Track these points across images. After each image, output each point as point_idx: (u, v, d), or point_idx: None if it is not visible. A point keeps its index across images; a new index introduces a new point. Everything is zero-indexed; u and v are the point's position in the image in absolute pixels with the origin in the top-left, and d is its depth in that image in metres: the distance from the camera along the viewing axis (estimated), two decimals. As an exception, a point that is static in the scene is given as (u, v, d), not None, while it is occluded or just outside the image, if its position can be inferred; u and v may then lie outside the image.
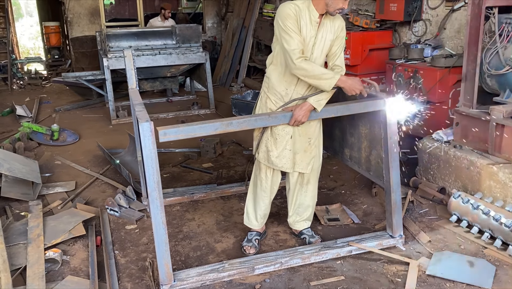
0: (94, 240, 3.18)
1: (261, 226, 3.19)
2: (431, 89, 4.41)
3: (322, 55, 2.81)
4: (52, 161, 4.90)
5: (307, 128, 2.91)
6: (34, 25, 18.13)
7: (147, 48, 6.84)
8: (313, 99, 2.72)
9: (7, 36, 9.93)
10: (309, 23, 2.71)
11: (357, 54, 5.41)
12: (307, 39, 2.72)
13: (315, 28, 2.73)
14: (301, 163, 2.96)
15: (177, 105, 7.50)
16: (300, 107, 2.72)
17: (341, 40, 2.83)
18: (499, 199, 3.19)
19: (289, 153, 2.89)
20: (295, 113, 2.71)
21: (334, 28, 2.79)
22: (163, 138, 2.46)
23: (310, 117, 2.77)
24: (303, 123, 2.76)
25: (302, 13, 2.68)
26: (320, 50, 2.78)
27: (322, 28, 2.75)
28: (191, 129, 2.54)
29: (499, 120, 3.33)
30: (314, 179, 3.12)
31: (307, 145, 2.94)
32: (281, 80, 2.83)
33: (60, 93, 8.76)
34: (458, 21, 4.79)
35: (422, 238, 3.14)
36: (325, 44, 2.78)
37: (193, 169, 4.62)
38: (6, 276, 2.65)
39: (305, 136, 2.91)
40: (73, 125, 6.25)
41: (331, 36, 2.78)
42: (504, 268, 2.78)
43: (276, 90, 2.86)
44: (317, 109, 2.73)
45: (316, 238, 3.15)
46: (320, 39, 2.76)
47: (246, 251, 3.05)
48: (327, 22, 2.77)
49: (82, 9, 9.98)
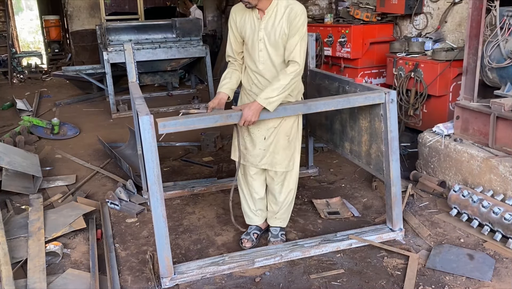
0: (95, 234, 3.18)
1: (261, 220, 3.14)
2: (431, 82, 4.40)
3: (276, 50, 2.65)
4: (53, 155, 4.91)
5: (284, 126, 2.79)
6: (34, 19, 18.10)
7: (147, 42, 6.83)
8: (262, 97, 2.53)
9: (7, 30, 9.92)
10: (255, 17, 2.66)
11: (357, 47, 5.40)
12: (253, 35, 2.66)
13: (258, 22, 2.65)
14: (283, 161, 2.85)
15: (177, 99, 7.50)
16: (249, 106, 2.54)
17: (296, 29, 2.57)
18: (499, 193, 3.19)
19: (264, 152, 2.82)
20: (244, 113, 2.54)
21: (286, 17, 2.58)
22: (162, 130, 2.45)
23: (295, 112, 2.70)
24: (254, 123, 2.59)
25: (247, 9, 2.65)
26: (272, 45, 2.63)
27: (267, 20, 2.62)
28: (190, 122, 2.53)
29: (500, 113, 3.32)
30: (291, 177, 2.95)
31: (286, 142, 2.83)
32: (245, 76, 2.85)
33: (60, 87, 8.76)
34: (459, 14, 4.77)
35: (422, 231, 3.14)
36: (276, 37, 2.61)
37: (193, 162, 4.62)
38: (7, 269, 2.66)
39: (283, 134, 2.81)
40: (73, 119, 6.26)
41: (283, 26, 2.58)
42: (503, 261, 2.78)
43: (244, 86, 2.88)
44: (268, 110, 2.55)
45: (277, 240, 3.01)
46: (266, 33, 2.62)
47: (243, 244, 3.04)
48: (275, 12, 2.61)
49: (82, 2, 9.95)
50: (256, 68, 2.74)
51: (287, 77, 2.57)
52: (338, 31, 5.54)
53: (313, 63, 3.83)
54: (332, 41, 5.64)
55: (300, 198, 3.75)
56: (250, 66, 2.78)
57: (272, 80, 2.65)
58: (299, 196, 3.77)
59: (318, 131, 3.84)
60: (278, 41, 2.62)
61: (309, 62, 3.80)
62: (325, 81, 3.53)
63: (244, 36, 2.75)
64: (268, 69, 2.71)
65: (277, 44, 2.64)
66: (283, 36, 2.61)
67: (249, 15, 2.69)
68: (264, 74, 2.72)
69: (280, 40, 2.62)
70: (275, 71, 2.70)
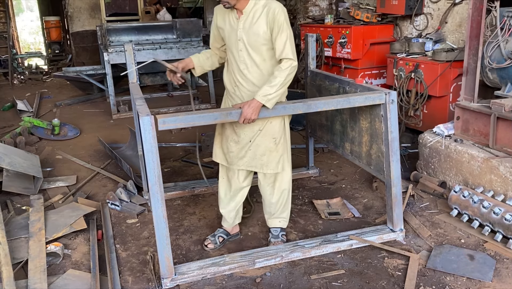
0: (95, 234, 3.19)
1: (231, 225, 3.12)
2: (432, 83, 4.40)
3: (256, 50, 2.64)
4: (53, 156, 4.91)
5: (269, 128, 2.77)
6: (35, 20, 18.13)
7: (148, 43, 6.83)
8: (260, 94, 2.54)
9: (8, 31, 9.93)
10: (234, 17, 2.68)
11: (358, 48, 5.41)
12: (232, 35, 2.68)
13: (237, 22, 2.66)
14: (271, 163, 2.83)
15: (178, 100, 7.50)
16: (248, 104, 2.54)
17: (279, 27, 2.56)
18: (500, 193, 3.19)
19: (251, 154, 2.81)
20: (244, 110, 2.54)
21: (264, 17, 2.57)
22: (162, 127, 2.45)
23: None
24: (253, 121, 2.59)
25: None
26: (251, 45, 2.63)
27: (245, 20, 2.62)
28: (190, 118, 2.53)
29: (500, 114, 3.32)
30: (283, 178, 2.93)
31: (273, 144, 2.80)
32: (227, 76, 2.86)
33: (61, 88, 8.77)
34: (460, 14, 4.77)
35: (423, 232, 3.14)
36: (254, 37, 2.61)
37: (194, 163, 4.62)
38: (7, 270, 2.66)
39: (269, 137, 2.78)
40: (74, 120, 6.26)
41: (261, 26, 2.58)
42: (504, 262, 2.78)
43: (226, 87, 2.88)
44: (267, 107, 2.56)
45: (278, 240, 3.01)
46: (245, 33, 2.62)
47: (205, 243, 3.04)
48: (253, 12, 2.61)
49: (82, 3, 9.96)
50: (237, 68, 2.74)
51: (283, 73, 2.57)
52: (338, 32, 5.55)
53: (314, 64, 3.83)
54: (333, 42, 5.65)
55: (300, 198, 3.75)
56: (232, 67, 2.78)
57: (255, 82, 2.70)
58: (300, 197, 3.77)
59: (319, 132, 3.84)
60: (257, 40, 2.62)
61: (310, 63, 3.81)
62: (325, 82, 3.53)
63: (224, 36, 2.77)
64: (249, 69, 2.71)
65: (256, 44, 2.64)
66: (263, 35, 2.61)
67: (228, 15, 2.71)
68: (246, 74, 2.72)
69: (259, 39, 2.62)
70: (257, 70, 2.70)
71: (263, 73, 2.70)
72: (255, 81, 2.71)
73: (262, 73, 2.70)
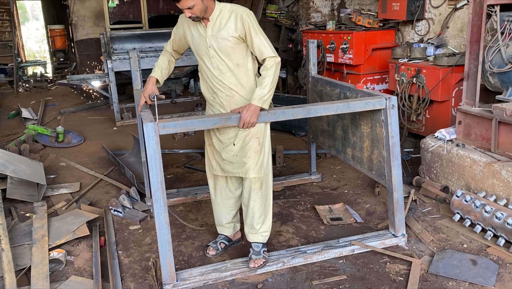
0: (98, 241, 3.20)
1: (232, 232, 3.13)
2: (434, 88, 4.40)
3: (227, 55, 2.66)
4: (57, 163, 4.94)
5: (253, 129, 2.75)
6: (40, 29, 18.27)
7: (151, 50, 6.88)
8: (255, 98, 2.59)
9: (13, 39, 10.01)
10: (201, 27, 2.69)
11: (360, 53, 5.42)
12: (202, 43, 2.69)
13: (204, 30, 2.67)
14: (254, 167, 2.79)
15: (181, 107, 7.53)
16: (246, 108, 2.59)
17: (251, 30, 2.61)
18: (502, 197, 3.18)
19: (237, 158, 2.81)
20: (243, 115, 2.58)
21: (233, 21, 2.61)
22: (163, 131, 2.47)
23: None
24: (253, 125, 2.63)
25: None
26: (222, 50, 2.64)
27: (212, 27, 2.64)
28: (190, 123, 2.55)
29: (502, 118, 3.32)
30: (263, 186, 2.85)
31: (257, 145, 2.78)
32: (204, 85, 2.87)
33: (65, 96, 8.83)
34: (461, 19, 4.78)
35: (425, 236, 3.13)
36: (223, 42, 2.63)
37: (196, 169, 4.64)
38: (10, 276, 2.67)
39: (254, 138, 2.76)
40: (78, 127, 6.30)
41: (230, 31, 2.61)
42: (507, 267, 2.77)
43: (206, 96, 2.89)
44: (264, 108, 2.62)
45: (259, 258, 2.82)
46: (214, 39, 2.64)
47: (206, 251, 3.05)
48: (220, 18, 2.63)
49: (86, 12, 10.04)
50: (212, 75, 2.74)
51: (270, 72, 2.62)
52: (340, 37, 5.57)
53: (315, 69, 3.85)
54: (334, 47, 5.67)
55: (302, 204, 3.75)
56: (207, 74, 2.78)
57: (232, 86, 2.72)
58: (302, 202, 3.77)
59: (321, 138, 3.85)
60: (227, 44, 2.64)
61: (311, 68, 3.83)
62: (326, 88, 3.55)
63: (192, 45, 2.78)
64: (224, 74, 2.72)
65: (226, 49, 2.65)
66: (232, 40, 2.63)
67: (194, 25, 2.72)
68: (222, 79, 2.73)
69: (229, 43, 2.64)
70: (232, 76, 2.71)
71: (238, 78, 2.72)
72: (232, 86, 2.73)
73: (237, 77, 2.72)
